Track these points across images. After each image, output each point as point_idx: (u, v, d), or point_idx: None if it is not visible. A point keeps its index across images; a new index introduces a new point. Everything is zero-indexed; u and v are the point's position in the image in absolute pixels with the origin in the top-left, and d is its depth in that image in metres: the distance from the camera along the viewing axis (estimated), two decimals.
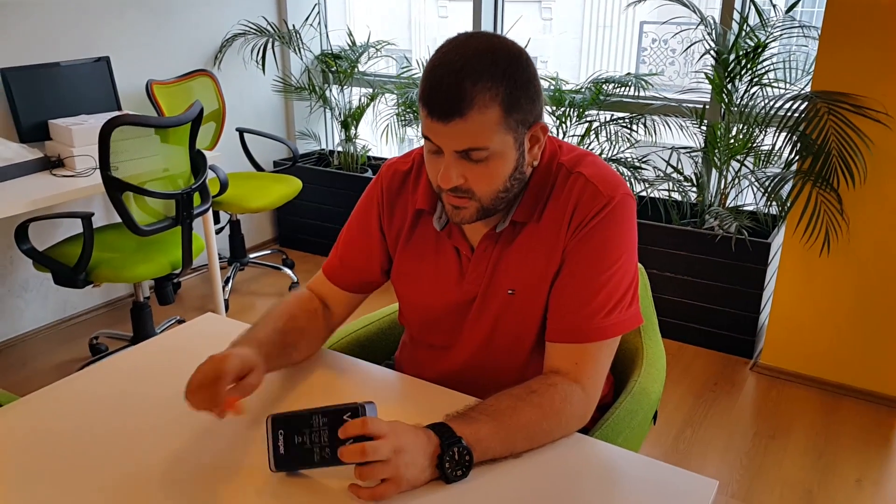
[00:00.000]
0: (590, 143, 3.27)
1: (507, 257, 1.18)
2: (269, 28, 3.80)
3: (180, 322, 3.06)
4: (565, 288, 1.14)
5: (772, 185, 2.57)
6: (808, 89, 2.55)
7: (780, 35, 2.79)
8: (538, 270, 1.16)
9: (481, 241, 1.19)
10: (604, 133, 3.23)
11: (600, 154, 3.23)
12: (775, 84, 2.84)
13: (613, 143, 3.22)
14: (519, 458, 1.04)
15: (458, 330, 1.25)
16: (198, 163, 2.56)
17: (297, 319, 1.24)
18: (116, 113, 2.86)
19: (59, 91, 2.82)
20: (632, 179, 3.16)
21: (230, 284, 3.50)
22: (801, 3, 2.85)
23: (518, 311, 1.19)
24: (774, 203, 2.67)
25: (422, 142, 1.12)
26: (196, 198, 2.55)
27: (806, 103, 2.42)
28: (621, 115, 3.23)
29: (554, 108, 3.29)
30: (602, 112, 3.29)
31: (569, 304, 1.13)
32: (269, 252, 4.02)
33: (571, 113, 3.26)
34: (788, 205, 2.56)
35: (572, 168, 1.16)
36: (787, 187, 2.59)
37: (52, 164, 2.60)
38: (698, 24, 2.89)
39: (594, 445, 1.08)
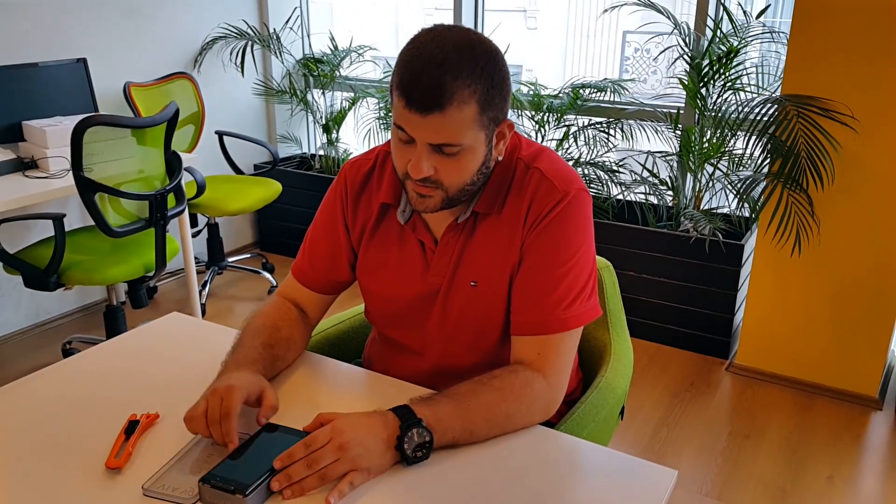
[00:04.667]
0: (568, 147, 3.29)
1: (470, 249, 1.19)
2: (249, 31, 3.80)
3: None
4: (525, 282, 1.16)
5: (744, 187, 2.60)
6: (778, 93, 2.58)
7: (752, 40, 2.83)
8: (498, 262, 1.18)
9: (445, 232, 1.20)
10: (582, 137, 3.26)
11: (579, 158, 3.25)
12: (748, 89, 2.88)
13: (591, 146, 3.25)
14: (482, 444, 1.05)
15: (423, 324, 1.26)
16: (173, 164, 2.55)
17: (280, 330, 1.25)
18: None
19: (35, 92, 2.80)
20: (609, 182, 3.18)
21: (207, 288, 3.48)
22: (774, 11, 2.90)
23: (481, 303, 1.20)
24: (746, 205, 2.69)
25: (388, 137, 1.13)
26: (171, 199, 2.55)
27: (776, 106, 2.46)
28: (599, 119, 3.26)
29: (533, 112, 3.31)
30: (580, 117, 3.32)
31: (530, 298, 1.15)
32: (248, 256, 4.00)
33: (550, 117, 3.28)
34: (760, 206, 2.60)
35: (530, 163, 1.18)
36: (759, 189, 2.62)
37: (25, 165, 2.58)
38: (673, 30, 2.93)
39: (558, 438, 1.09)
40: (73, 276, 2.36)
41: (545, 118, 3.29)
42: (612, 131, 3.20)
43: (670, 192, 3.15)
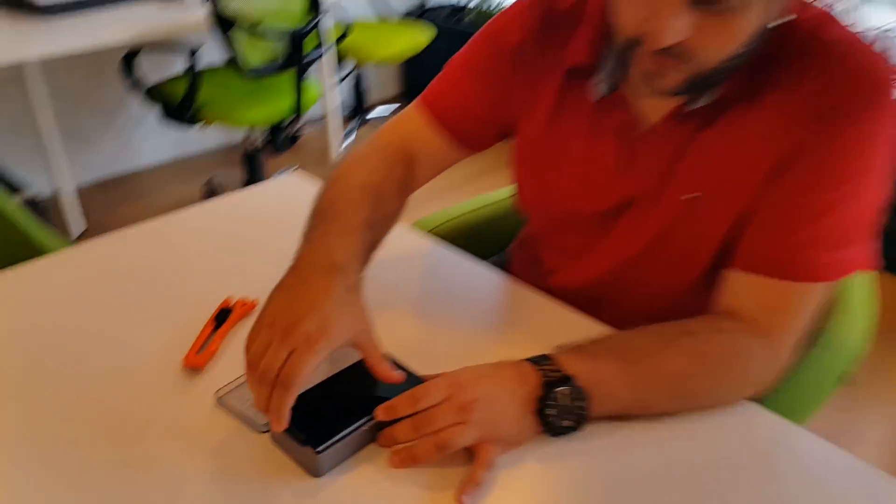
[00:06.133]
0: None
1: (696, 149, 0.80)
2: None
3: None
4: (780, 200, 0.77)
5: None
6: None
7: None
8: (741, 170, 0.79)
9: (663, 121, 0.81)
10: None
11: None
12: None
13: None
14: (655, 419, 0.74)
15: (595, 245, 0.92)
16: (315, 2, 2.31)
17: (384, 201, 0.87)
18: None
19: None
20: None
21: (351, 138, 3.32)
22: None
23: (696, 225, 0.83)
24: None
25: None
26: (311, 40, 2.32)
27: None
28: None
29: None
30: None
31: (781, 224, 0.77)
32: (396, 106, 3.77)
33: None
34: None
35: (815, 30, 0.75)
36: None
37: None
38: None
39: (772, 423, 0.76)
40: (209, 112, 2.27)
41: None
42: None
43: None
